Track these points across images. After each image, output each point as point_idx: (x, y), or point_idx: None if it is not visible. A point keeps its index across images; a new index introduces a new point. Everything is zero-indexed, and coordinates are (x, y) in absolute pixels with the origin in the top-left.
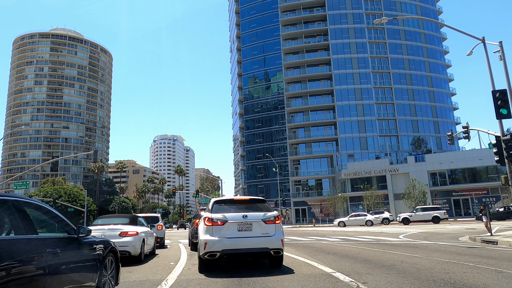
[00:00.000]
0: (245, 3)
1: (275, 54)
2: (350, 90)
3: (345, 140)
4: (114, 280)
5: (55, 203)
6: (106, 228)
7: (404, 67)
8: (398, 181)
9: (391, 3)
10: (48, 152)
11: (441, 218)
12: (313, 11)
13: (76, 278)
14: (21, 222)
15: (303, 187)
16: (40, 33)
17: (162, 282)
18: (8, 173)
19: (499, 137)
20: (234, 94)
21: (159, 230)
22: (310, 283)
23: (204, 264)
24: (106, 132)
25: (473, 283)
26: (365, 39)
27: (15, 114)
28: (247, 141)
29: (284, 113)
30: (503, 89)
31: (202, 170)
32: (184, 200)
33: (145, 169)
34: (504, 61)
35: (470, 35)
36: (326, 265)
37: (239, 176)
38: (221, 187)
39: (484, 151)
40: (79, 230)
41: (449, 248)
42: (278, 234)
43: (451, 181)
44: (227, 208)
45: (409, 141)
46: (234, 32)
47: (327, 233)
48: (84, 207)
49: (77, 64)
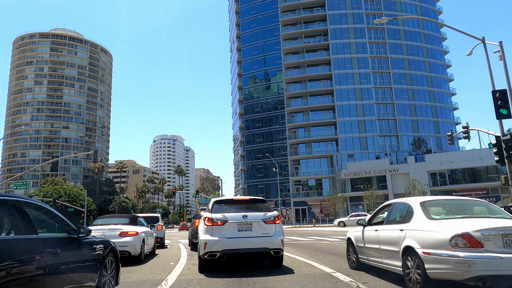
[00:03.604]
0: (245, 3)
1: (275, 54)
2: (350, 90)
3: (345, 140)
4: (114, 280)
5: (55, 203)
6: (106, 228)
7: (404, 67)
8: (398, 181)
9: (391, 3)
10: (48, 152)
11: None
12: (313, 11)
13: (76, 278)
14: (21, 222)
15: (303, 187)
16: (40, 33)
17: (162, 282)
18: (8, 173)
19: (499, 137)
20: (234, 94)
21: (159, 230)
22: (310, 283)
23: (204, 264)
24: (106, 132)
25: None
26: (365, 39)
27: (15, 114)
28: (247, 141)
29: (284, 113)
30: (503, 89)
31: (202, 170)
32: (184, 200)
33: (145, 169)
34: (504, 61)
35: (470, 35)
36: (326, 265)
37: (239, 176)
38: (221, 187)
39: (484, 151)
40: (79, 230)
41: None
42: (278, 234)
43: (451, 181)
44: (227, 208)
45: (409, 141)
46: (234, 32)
47: (327, 233)
48: (84, 207)
49: (77, 64)
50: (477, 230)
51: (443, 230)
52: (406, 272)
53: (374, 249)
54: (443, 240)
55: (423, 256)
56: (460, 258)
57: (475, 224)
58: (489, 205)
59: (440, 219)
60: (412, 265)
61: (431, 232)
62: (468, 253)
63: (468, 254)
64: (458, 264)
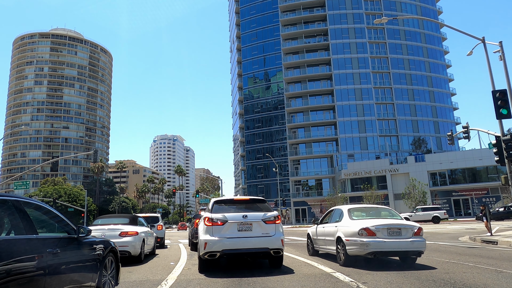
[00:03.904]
0: (245, 3)
1: (275, 54)
2: (350, 90)
3: (345, 140)
4: (114, 280)
5: (55, 203)
6: (106, 228)
7: (404, 67)
8: (398, 181)
9: (391, 3)
10: (48, 152)
11: (441, 218)
12: (313, 11)
13: (76, 278)
14: (21, 222)
15: (303, 187)
16: (40, 33)
17: (162, 282)
18: (8, 173)
19: (499, 137)
20: (234, 94)
21: (159, 230)
22: (310, 283)
23: (204, 264)
24: (106, 132)
25: (473, 283)
26: (365, 39)
27: (15, 114)
28: (247, 141)
29: (284, 113)
30: (503, 89)
31: (202, 170)
32: (184, 200)
33: (145, 169)
34: (504, 61)
35: (470, 35)
36: (326, 265)
37: (239, 176)
38: (221, 187)
39: (484, 151)
40: (79, 230)
41: (449, 248)
42: (278, 234)
43: (451, 181)
44: (227, 208)
45: (409, 141)
46: (234, 32)
47: None
48: (84, 207)
49: (77, 64)
50: (373, 226)
51: (356, 226)
52: (337, 252)
53: (322, 240)
54: (355, 232)
55: (346, 241)
56: (363, 242)
57: (373, 222)
58: (391, 211)
59: (357, 219)
60: (340, 248)
61: (350, 227)
62: (367, 239)
63: (367, 239)
64: (362, 245)
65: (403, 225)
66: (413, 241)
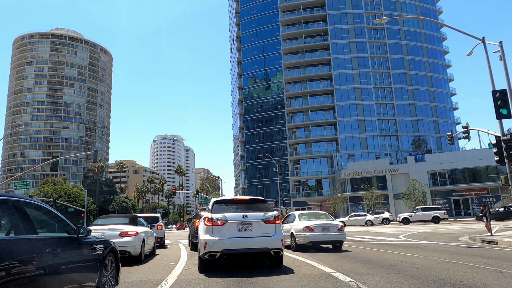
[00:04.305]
0: (245, 3)
1: (275, 54)
2: (350, 90)
3: (345, 140)
4: (114, 280)
5: (55, 203)
6: (106, 228)
7: (404, 67)
8: (398, 181)
9: (391, 3)
10: (48, 152)
11: (441, 218)
12: (313, 11)
13: (76, 278)
14: (21, 222)
15: (303, 187)
16: (40, 33)
17: (162, 282)
18: (8, 173)
19: (499, 137)
20: (234, 94)
21: (159, 230)
22: (310, 283)
23: (204, 264)
24: (106, 132)
25: (473, 283)
26: (365, 39)
27: (15, 114)
28: (247, 141)
29: (284, 113)
30: (503, 89)
31: (202, 170)
32: (184, 200)
33: (145, 169)
34: (504, 61)
35: (470, 35)
36: (326, 265)
37: (239, 176)
38: (221, 187)
39: (484, 151)
40: (79, 230)
41: (449, 248)
42: (278, 234)
43: (451, 181)
44: (227, 208)
45: (409, 141)
46: (234, 32)
47: None
48: (84, 207)
49: (77, 64)
50: (312, 225)
51: (302, 224)
52: (291, 242)
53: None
54: (301, 228)
55: (296, 235)
56: (306, 235)
57: (312, 222)
58: (327, 215)
59: (303, 220)
60: (292, 240)
61: (298, 226)
62: (308, 233)
63: (308, 233)
64: (305, 237)
65: (332, 224)
66: (337, 234)
